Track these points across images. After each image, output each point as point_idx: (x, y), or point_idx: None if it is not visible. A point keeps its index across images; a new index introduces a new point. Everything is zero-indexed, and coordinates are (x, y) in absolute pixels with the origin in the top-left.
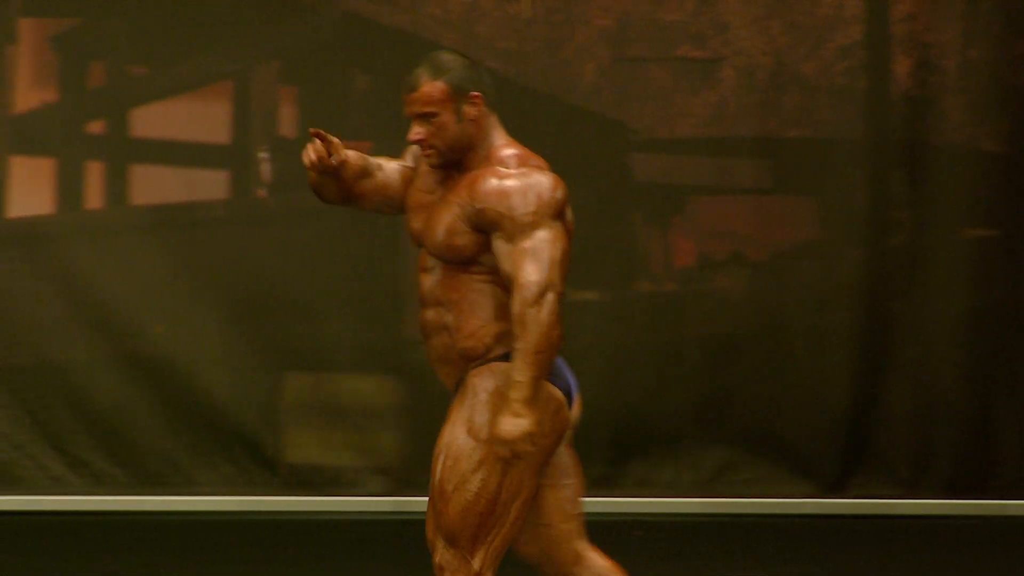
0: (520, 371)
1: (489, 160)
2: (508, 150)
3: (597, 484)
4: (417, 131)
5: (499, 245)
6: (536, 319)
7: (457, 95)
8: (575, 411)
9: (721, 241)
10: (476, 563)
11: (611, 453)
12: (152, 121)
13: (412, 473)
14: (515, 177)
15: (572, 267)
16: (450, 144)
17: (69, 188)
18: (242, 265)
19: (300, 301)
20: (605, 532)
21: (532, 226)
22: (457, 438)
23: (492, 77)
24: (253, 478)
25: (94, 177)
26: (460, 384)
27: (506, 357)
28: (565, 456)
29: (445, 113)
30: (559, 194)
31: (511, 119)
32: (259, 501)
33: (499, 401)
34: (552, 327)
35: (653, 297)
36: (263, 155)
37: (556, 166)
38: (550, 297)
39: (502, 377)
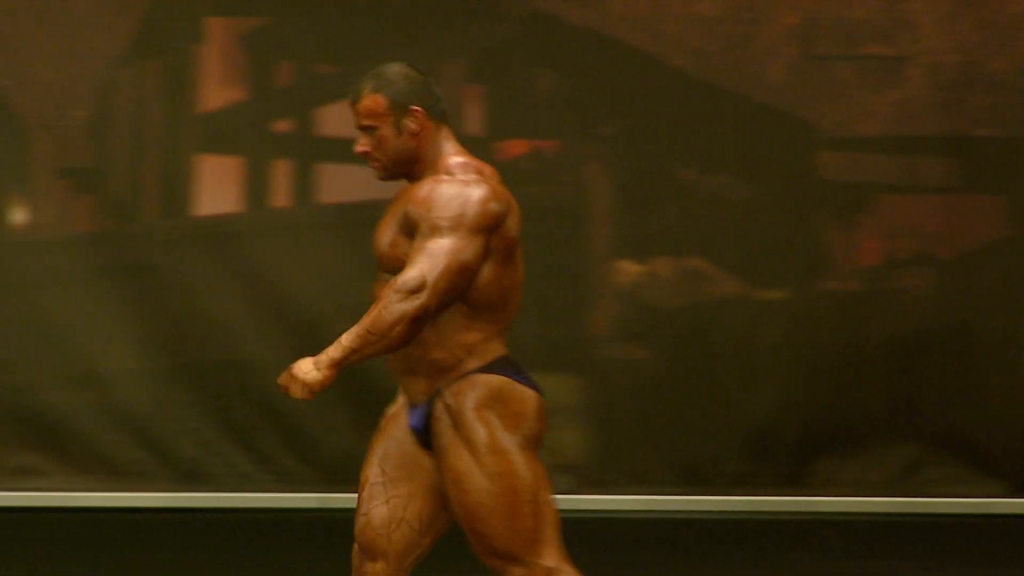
0: (348, 336)
1: (436, 170)
2: (456, 159)
3: (784, 483)
4: (362, 143)
5: (413, 244)
6: (392, 306)
7: (396, 109)
8: None
9: (907, 240)
10: (547, 561)
11: (798, 452)
12: (338, 119)
13: (596, 471)
14: (449, 184)
15: (756, 266)
16: (391, 157)
17: (256, 186)
18: None
19: None
20: (792, 531)
21: (444, 231)
22: (465, 465)
23: (441, 91)
24: None
25: (281, 175)
26: (435, 398)
27: (481, 370)
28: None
29: (385, 127)
30: (492, 207)
31: (696, 118)
32: None
33: (486, 414)
34: (400, 323)
35: (839, 296)
36: None
37: (742, 164)
38: (420, 300)
39: (482, 389)
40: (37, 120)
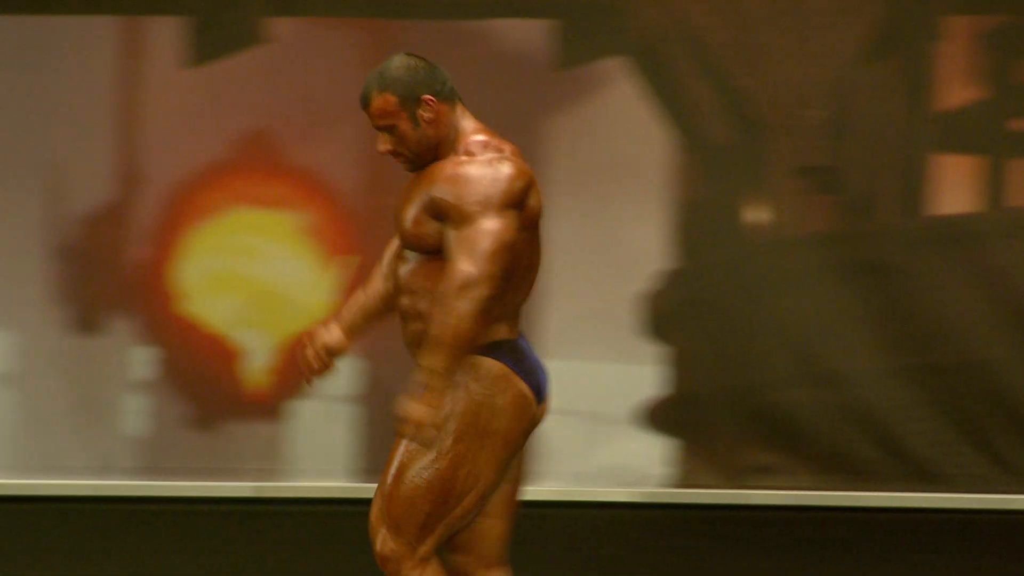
0: (429, 359)
1: (457, 150)
2: (477, 136)
3: None
4: (383, 141)
5: (447, 233)
6: (455, 309)
7: (408, 103)
8: (542, 411)
9: None
10: (423, 550)
11: None
12: None
13: None
14: (473, 164)
15: None
16: (415, 150)
17: (995, 186)
18: None
19: None
20: None
21: (477, 215)
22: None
23: (446, 71)
24: None
25: (1022, 175)
26: None
27: (484, 351)
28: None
29: (401, 123)
30: (517, 184)
31: None
32: None
33: (470, 398)
34: (468, 320)
35: None
36: None
37: None
38: (477, 292)
39: (476, 372)
40: (777, 120)
